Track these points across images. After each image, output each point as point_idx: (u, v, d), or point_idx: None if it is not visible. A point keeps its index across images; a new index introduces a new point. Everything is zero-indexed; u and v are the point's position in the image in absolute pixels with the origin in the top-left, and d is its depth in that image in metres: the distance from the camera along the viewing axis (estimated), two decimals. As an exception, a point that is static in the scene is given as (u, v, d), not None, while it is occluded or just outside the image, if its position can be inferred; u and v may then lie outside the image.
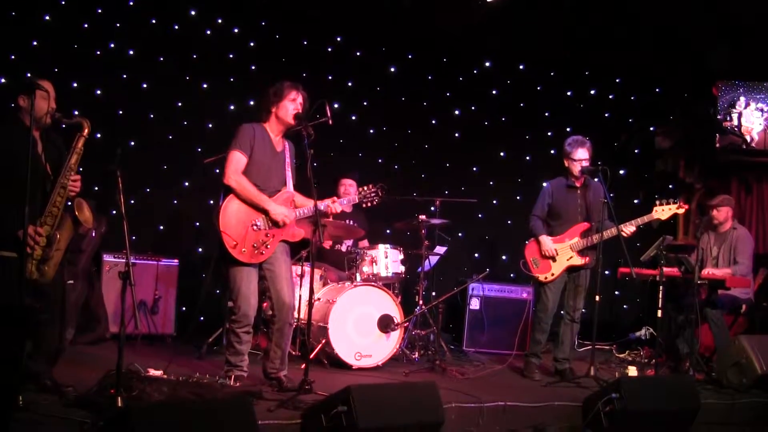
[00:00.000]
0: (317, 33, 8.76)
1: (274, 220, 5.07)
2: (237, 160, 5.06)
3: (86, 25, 7.81)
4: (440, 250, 7.73)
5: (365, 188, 5.50)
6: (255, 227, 5.05)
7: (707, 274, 6.78)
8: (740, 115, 9.01)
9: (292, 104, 5.13)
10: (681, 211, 6.27)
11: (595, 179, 6.38)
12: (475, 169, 9.51)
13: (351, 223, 7.18)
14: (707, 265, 7.06)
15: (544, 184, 6.65)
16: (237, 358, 5.12)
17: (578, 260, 6.30)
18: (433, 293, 7.35)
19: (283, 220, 5.09)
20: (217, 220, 5.01)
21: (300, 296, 6.37)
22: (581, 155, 6.32)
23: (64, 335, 4.87)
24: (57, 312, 4.60)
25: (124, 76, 7.95)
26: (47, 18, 7.62)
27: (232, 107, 8.29)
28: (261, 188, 5.09)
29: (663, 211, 6.21)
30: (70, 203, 4.45)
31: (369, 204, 5.52)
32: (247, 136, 5.10)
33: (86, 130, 4.50)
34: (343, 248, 7.36)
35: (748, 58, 8.97)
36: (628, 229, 6.09)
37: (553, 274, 6.34)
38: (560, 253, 6.32)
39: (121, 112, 7.90)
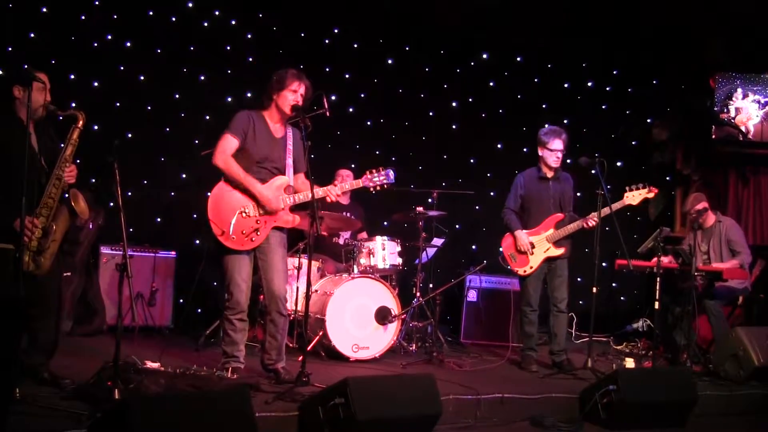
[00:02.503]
0: (315, 25, 8.74)
1: (262, 204, 5.05)
2: (227, 142, 5.05)
3: (83, 17, 7.79)
4: (438, 242, 7.73)
5: (374, 171, 5.37)
6: (244, 214, 5.04)
7: (716, 267, 6.75)
8: (736, 106, 9.02)
9: (292, 95, 5.10)
10: (651, 195, 6.30)
11: (592, 172, 6.35)
12: (472, 161, 9.52)
13: (348, 215, 7.18)
14: (697, 262, 7.05)
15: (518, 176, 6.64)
16: (233, 347, 5.10)
17: (555, 251, 6.34)
18: (431, 285, 7.34)
19: (268, 203, 5.04)
20: (206, 209, 5.01)
21: (297, 288, 6.39)
22: (557, 146, 6.35)
23: (60, 327, 4.85)
24: (53, 304, 4.60)
25: (122, 68, 7.94)
26: (44, 10, 7.60)
27: (229, 99, 8.27)
28: (256, 175, 5.07)
29: (633, 197, 6.25)
30: (66, 194, 4.45)
31: (379, 187, 5.36)
32: (242, 123, 5.09)
33: (81, 122, 4.50)
34: (341, 240, 7.35)
35: (746, 50, 8.96)
36: (590, 222, 6.14)
37: (531, 267, 6.38)
38: (537, 245, 6.34)
39: (118, 104, 7.89)
